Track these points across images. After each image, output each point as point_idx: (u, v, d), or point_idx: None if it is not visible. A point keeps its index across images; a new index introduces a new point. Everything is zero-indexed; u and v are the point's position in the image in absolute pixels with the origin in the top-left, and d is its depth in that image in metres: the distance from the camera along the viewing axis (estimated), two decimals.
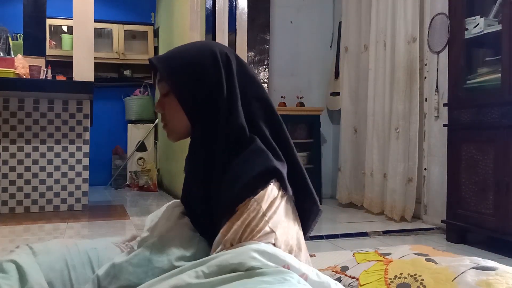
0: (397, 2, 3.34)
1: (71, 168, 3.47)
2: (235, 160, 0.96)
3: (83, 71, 3.39)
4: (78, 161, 3.48)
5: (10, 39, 3.68)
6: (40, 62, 3.55)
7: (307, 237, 1.08)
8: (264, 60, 4.29)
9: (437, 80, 3.10)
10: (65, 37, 5.06)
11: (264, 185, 0.93)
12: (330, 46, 4.50)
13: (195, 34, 3.61)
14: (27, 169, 3.38)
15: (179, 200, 1.17)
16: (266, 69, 4.29)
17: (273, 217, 0.91)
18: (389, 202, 3.34)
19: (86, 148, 3.50)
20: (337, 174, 4.10)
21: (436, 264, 1.42)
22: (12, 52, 3.60)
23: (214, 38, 3.32)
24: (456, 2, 2.78)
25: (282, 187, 0.97)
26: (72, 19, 3.49)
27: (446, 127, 2.82)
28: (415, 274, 1.37)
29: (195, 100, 0.98)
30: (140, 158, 5.21)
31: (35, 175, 3.40)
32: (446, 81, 2.90)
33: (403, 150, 3.27)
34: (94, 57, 3.52)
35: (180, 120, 1.01)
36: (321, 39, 4.49)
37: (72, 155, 3.47)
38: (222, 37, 3.26)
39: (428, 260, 1.47)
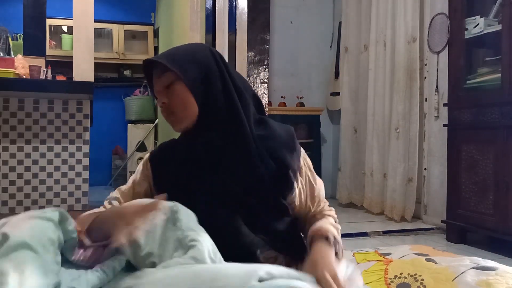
0: (397, 2, 3.34)
1: (71, 168, 3.47)
2: (265, 134, 1.09)
3: (83, 71, 3.39)
4: (78, 161, 3.48)
5: (10, 39, 3.67)
6: (40, 62, 3.55)
7: None
8: (264, 60, 4.28)
9: (437, 80, 3.10)
10: (65, 37, 5.05)
11: None
12: (330, 46, 4.50)
13: (195, 34, 3.61)
14: (27, 169, 3.38)
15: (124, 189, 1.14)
16: (266, 69, 4.28)
17: None
18: (389, 202, 3.34)
19: (86, 148, 3.50)
20: (337, 174, 4.10)
21: (436, 264, 1.42)
22: (12, 52, 3.60)
23: (214, 38, 3.32)
24: (456, 2, 2.78)
25: None
26: (72, 19, 3.49)
27: (446, 127, 2.82)
28: (415, 274, 1.37)
29: (202, 84, 1.04)
30: (140, 158, 5.21)
31: (35, 175, 3.39)
32: (446, 81, 2.90)
33: (403, 150, 3.27)
34: (94, 57, 3.52)
35: (188, 104, 1.04)
36: (321, 39, 4.49)
37: (72, 155, 3.47)
38: (222, 37, 3.26)
39: (428, 260, 1.47)
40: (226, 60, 1.18)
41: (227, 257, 0.91)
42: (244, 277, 0.74)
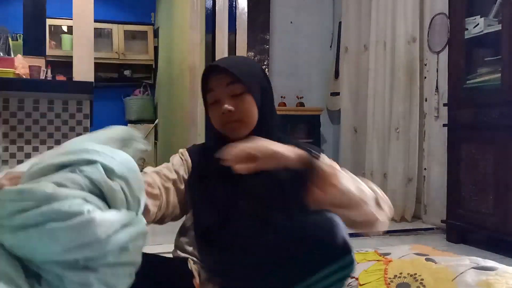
0: (397, 2, 3.34)
1: None
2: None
3: (83, 71, 3.39)
4: None
5: (10, 39, 3.68)
6: (40, 62, 3.55)
7: None
8: (264, 60, 4.28)
9: (437, 80, 3.10)
10: (65, 37, 5.06)
11: None
12: (330, 46, 4.50)
13: (195, 34, 3.61)
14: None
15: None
16: (266, 69, 4.28)
17: None
18: None
19: None
20: None
21: (436, 264, 1.42)
22: (12, 52, 3.60)
23: (214, 38, 3.32)
24: (456, 2, 2.78)
25: None
26: (72, 19, 3.49)
27: (446, 127, 2.81)
28: (415, 274, 1.37)
29: (263, 97, 1.19)
30: (140, 158, 5.21)
31: None
32: (446, 81, 2.90)
33: (403, 150, 3.27)
34: (94, 57, 3.52)
35: (254, 114, 1.16)
36: (321, 39, 4.49)
37: None
38: (222, 37, 3.26)
39: (428, 260, 1.47)
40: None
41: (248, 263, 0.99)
42: None
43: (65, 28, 5.17)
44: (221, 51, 3.23)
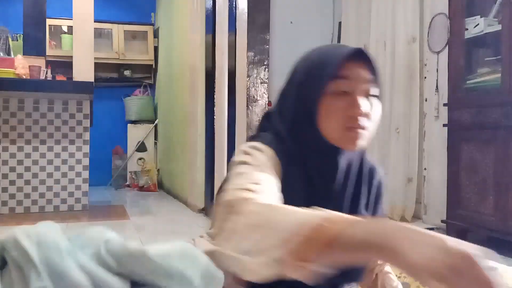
0: (397, 2, 3.34)
1: (71, 168, 3.47)
2: None
3: (83, 71, 3.39)
4: (78, 161, 3.48)
5: (10, 39, 3.68)
6: (40, 62, 3.55)
7: None
8: (264, 60, 4.28)
9: (437, 80, 3.10)
10: (65, 37, 5.06)
11: None
12: None
13: (195, 34, 3.61)
14: (27, 169, 3.38)
15: None
16: (266, 69, 4.28)
17: None
18: (389, 202, 3.34)
19: (86, 148, 3.50)
20: None
21: None
22: (12, 52, 3.60)
23: (214, 38, 3.31)
24: (456, 2, 2.78)
25: None
26: (72, 19, 3.49)
27: (446, 127, 2.81)
28: None
29: None
30: (140, 158, 5.21)
31: (35, 175, 3.40)
32: (446, 81, 2.89)
33: (403, 150, 3.27)
34: (94, 57, 3.52)
35: (375, 127, 0.92)
36: (321, 39, 4.49)
37: (72, 155, 3.47)
38: (222, 37, 3.26)
39: None
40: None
41: None
42: None
43: (65, 28, 5.17)
44: (221, 51, 3.23)
